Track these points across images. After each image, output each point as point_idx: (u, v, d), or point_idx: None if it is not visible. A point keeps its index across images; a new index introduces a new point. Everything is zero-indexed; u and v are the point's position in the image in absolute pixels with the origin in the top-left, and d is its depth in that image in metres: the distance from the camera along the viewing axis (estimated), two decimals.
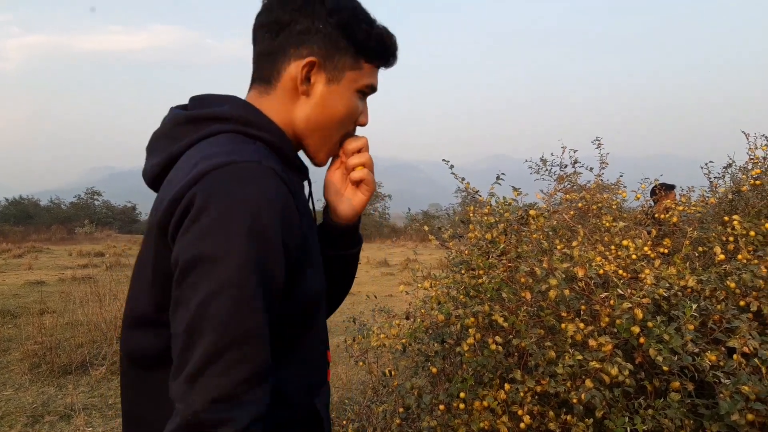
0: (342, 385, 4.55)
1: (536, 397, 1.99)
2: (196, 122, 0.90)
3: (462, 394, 1.97)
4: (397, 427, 2.48)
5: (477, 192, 2.65)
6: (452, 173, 2.67)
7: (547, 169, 3.56)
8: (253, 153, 0.82)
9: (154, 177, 0.91)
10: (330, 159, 1.04)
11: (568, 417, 1.85)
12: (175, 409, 0.72)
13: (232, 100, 0.93)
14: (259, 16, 0.95)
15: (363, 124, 1.03)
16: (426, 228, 2.69)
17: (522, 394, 1.93)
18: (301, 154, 1.00)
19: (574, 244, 2.29)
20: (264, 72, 0.94)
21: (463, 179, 2.64)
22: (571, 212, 2.87)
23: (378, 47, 0.96)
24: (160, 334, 0.81)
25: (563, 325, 2.01)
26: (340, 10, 0.91)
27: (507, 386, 1.96)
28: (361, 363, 2.86)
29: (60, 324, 6.56)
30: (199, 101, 0.94)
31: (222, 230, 0.74)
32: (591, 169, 3.39)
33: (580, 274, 1.97)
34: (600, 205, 2.76)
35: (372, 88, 1.00)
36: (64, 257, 17.89)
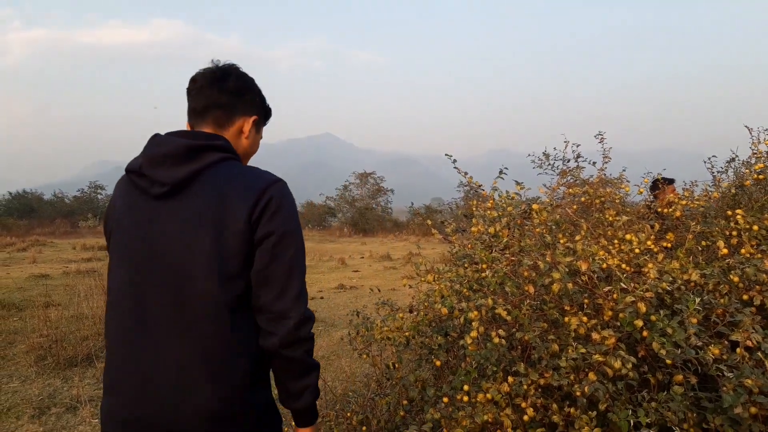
0: (346, 377, 4.57)
1: (539, 389, 2.01)
2: (208, 150, 1.34)
3: (465, 387, 1.98)
4: (400, 419, 2.49)
5: (480, 186, 2.66)
6: (455, 167, 2.67)
7: (549, 164, 3.57)
8: (270, 173, 1.40)
9: (178, 183, 1.29)
10: None
11: (572, 410, 1.86)
12: (279, 321, 1.29)
13: (219, 137, 1.40)
14: (217, 79, 1.45)
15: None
16: (429, 222, 2.70)
17: (525, 386, 1.94)
18: None
19: (578, 238, 2.30)
20: (219, 118, 1.46)
21: (465, 173, 2.65)
22: (574, 206, 2.87)
23: (269, 115, 1.63)
24: (243, 284, 1.29)
25: (566, 319, 2.02)
26: (262, 94, 1.57)
27: (510, 379, 1.97)
28: (365, 356, 2.88)
29: (65, 317, 6.59)
30: (195, 135, 1.37)
31: (293, 216, 1.35)
32: (594, 163, 3.39)
33: (584, 267, 1.98)
34: (603, 199, 2.77)
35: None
36: (68, 251, 17.96)
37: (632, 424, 1.78)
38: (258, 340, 1.32)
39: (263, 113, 1.59)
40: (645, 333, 1.86)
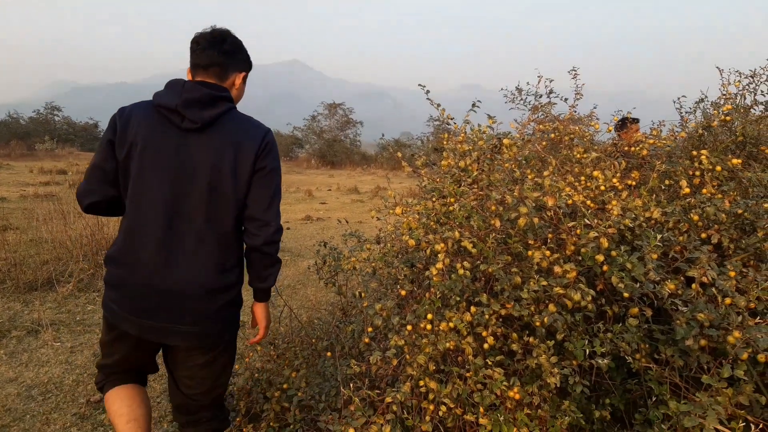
0: (311, 305, 4.64)
1: (500, 319, 2.06)
2: (222, 100, 1.86)
3: (429, 316, 2.02)
4: (365, 345, 2.55)
5: (452, 119, 2.63)
6: (428, 99, 2.63)
7: (522, 99, 3.54)
8: (262, 124, 1.97)
9: (206, 123, 1.82)
10: None
11: (531, 339, 1.92)
12: (263, 227, 1.89)
13: (226, 90, 1.91)
14: (217, 42, 1.91)
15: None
16: (399, 155, 2.68)
17: (487, 316, 1.99)
18: None
19: (545, 173, 2.31)
20: (218, 73, 1.92)
21: (438, 105, 2.61)
22: (544, 143, 2.88)
23: (251, 68, 2.06)
24: (237, 206, 1.87)
25: (530, 253, 2.06)
26: (247, 53, 2.03)
27: (473, 309, 2.02)
28: (330, 285, 2.91)
29: (24, 241, 6.46)
30: (212, 87, 1.85)
31: (279, 157, 1.95)
32: (566, 99, 3.38)
33: (550, 203, 2.00)
34: (572, 136, 2.77)
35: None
36: (25, 174, 17.42)
37: (587, 353, 1.86)
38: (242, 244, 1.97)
39: (249, 68, 2.05)
40: (605, 267, 1.91)
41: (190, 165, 1.80)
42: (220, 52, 1.90)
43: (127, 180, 1.83)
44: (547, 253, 2.02)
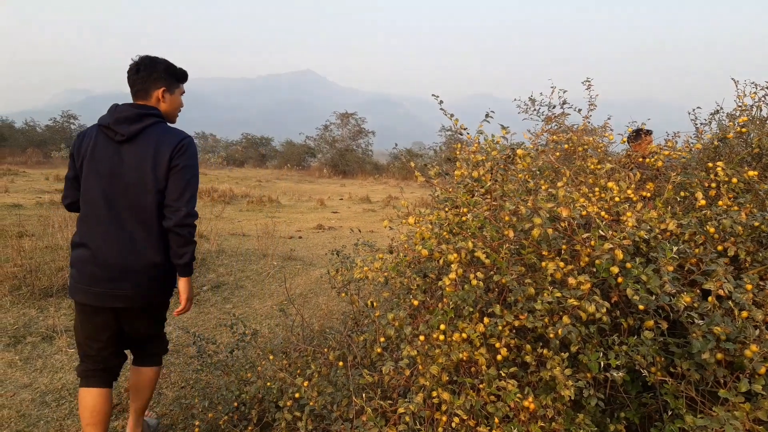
0: (323, 314, 4.63)
1: (514, 331, 2.05)
2: (148, 116, 2.40)
3: (442, 326, 2.01)
4: (377, 355, 2.55)
5: (465, 129, 2.63)
6: (441, 108, 2.63)
7: (535, 109, 3.54)
8: (183, 132, 2.48)
9: (132, 135, 2.37)
10: None
11: (545, 351, 1.91)
12: (175, 212, 2.38)
13: (153, 108, 2.45)
14: (134, 71, 2.47)
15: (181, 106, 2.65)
16: (412, 165, 2.68)
17: (500, 327, 1.98)
18: None
19: (560, 184, 2.31)
20: (143, 95, 2.48)
21: (452, 115, 2.62)
22: (557, 153, 2.87)
23: (181, 74, 2.58)
24: (159, 197, 2.37)
25: (544, 264, 2.05)
26: (167, 69, 2.50)
27: (486, 320, 2.01)
28: (342, 294, 2.91)
29: (39, 247, 6.52)
30: (139, 107, 2.41)
31: (193, 157, 2.46)
32: (579, 110, 3.37)
33: (565, 214, 1.99)
34: (586, 147, 2.76)
35: (182, 92, 2.64)
36: (41, 181, 17.64)
37: (602, 365, 1.84)
38: None
39: (171, 80, 2.54)
40: (620, 279, 1.89)
41: (119, 168, 2.36)
42: (137, 79, 2.46)
43: (80, 183, 2.44)
44: (561, 264, 2.01)
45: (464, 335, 2.01)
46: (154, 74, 2.46)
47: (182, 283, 2.57)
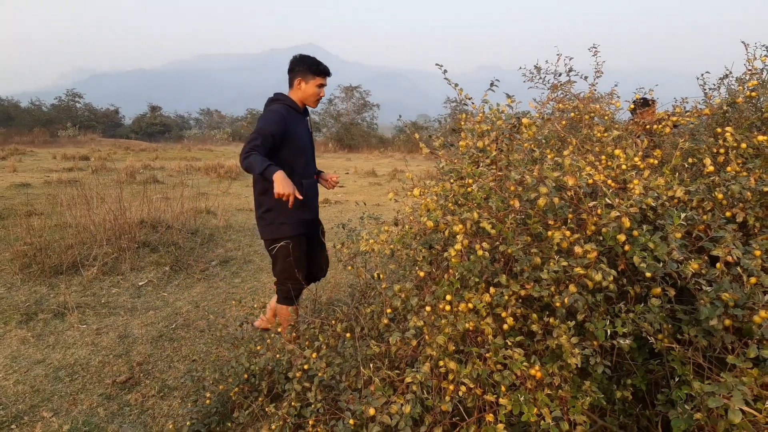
0: (330, 287, 4.66)
1: (520, 300, 2.05)
2: (271, 99, 3.43)
3: (448, 297, 2.02)
4: (384, 326, 2.56)
5: (470, 99, 2.60)
6: (446, 79, 2.60)
7: (541, 78, 3.49)
8: (279, 105, 3.32)
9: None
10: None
11: (551, 319, 1.91)
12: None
13: (279, 93, 3.42)
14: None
15: (321, 96, 3.43)
16: (417, 136, 2.66)
17: (506, 297, 1.98)
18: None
19: (566, 153, 2.28)
20: (289, 84, 3.41)
21: (456, 85, 2.58)
22: (563, 122, 2.83)
23: (317, 68, 3.33)
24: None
25: (550, 233, 2.04)
26: (299, 63, 3.33)
27: (492, 290, 2.01)
28: (349, 267, 2.91)
29: (48, 226, 6.57)
30: (279, 94, 3.42)
31: (263, 116, 3.25)
32: (585, 78, 3.32)
33: (571, 183, 1.98)
34: (592, 115, 2.73)
35: (321, 85, 3.38)
36: (48, 160, 17.68)
37: (608, 333, 1.84)
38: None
39: (304, 72, 3.31)
40: (627, 247, 1.88)
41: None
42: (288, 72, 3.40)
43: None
44: (567, 233, 2.00)
45: (470, 305, 2.01)
46: (292, 69, 3.34)
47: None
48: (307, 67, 3.28)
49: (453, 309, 2.03)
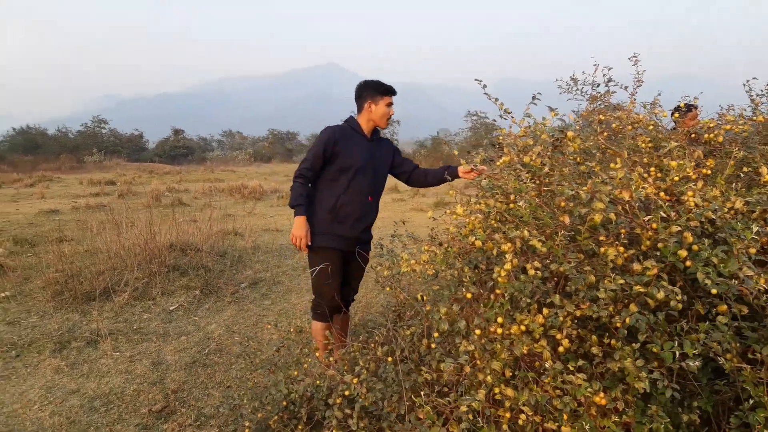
0: (362, 308, 4.58)
1: (575, 321, 1.96)
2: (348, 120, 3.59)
3: (500, 319, 1.93)
4: (425, 349, 2.47)
5: (510, 113, 2.53)
6: (485, 93, 2.53)
7: (578, 89, 3.41)
8: (336, 125, 3.48)
9: None
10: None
11: (612, 341, 1.81)
12: None
13: (349, 118, 3.56)
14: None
15: (391, 115, 3.46)
16: (456, 153, 2.59)
17: (561, 318, 1.89)
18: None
19: (616, 165, 2.19)
20: (358, 109, 3.49)
21: (496, 99, 2.52)
22: (605, 133, 2.74)
23: (384, 88, 3.42)
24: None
25: (602, 249, 1.95)
26: (365, 87, 3.45)
27: (545, 311, 1.92)
28: (387, 288, 2.84)
29: (79, 252, 6.61)
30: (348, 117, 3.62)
31: (317, 137, 3.46)
32: (626, 87, 3.23)
33: (627, 197, 1.89)
34: (637, 125, 2.63)
35: (390, 104, 3.44)
36: (75, 186, 17.97)
37: (676, 355, 1.74)
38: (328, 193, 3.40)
39: (372, 94, 3.40)
40: (689, 263, 1.78)
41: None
42: (355, 99, 3.50)
43: None
44: (621, 249, 1.91)
45: (522, 327, 1.92)
46: (359, 94, 3.46)
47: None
48: (373, 89, 3.40)
49: (505, 332, 1.94)
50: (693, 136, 2.71)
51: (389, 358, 2.51)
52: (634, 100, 3.11)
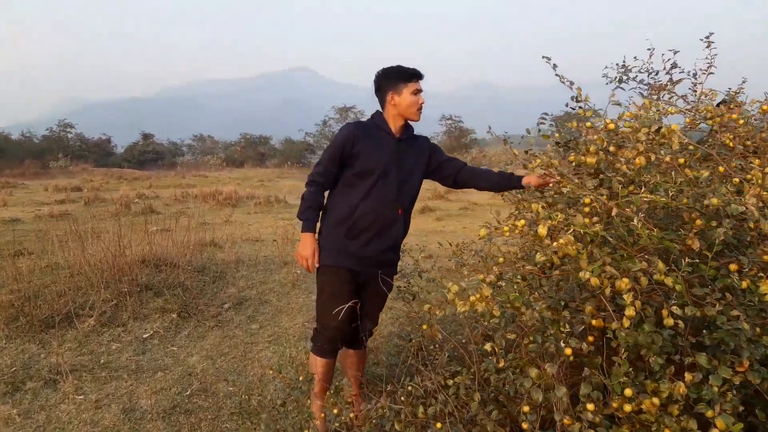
0: (373, 338, 3.97)
1: (734, 389, 1.40)
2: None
3: (628, 391, 1.36)
4: (476, 407, 1.89)
5: (590, 103, 1.97)
6: (557, 74, 1.97)
7: (633, 78, 2.87)
8: (356, 122, 2.84)
9: None
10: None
11: None
12: None
13: (375, 113, 2.89)
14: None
15: (421, 104, 2.75)
16: (515, 152, 2.02)
17: (715, 388, 1.33)
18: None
19: (757, 163, 1.65)
20: (379, 103, 2.85)
21: (572, 83, 1.96)
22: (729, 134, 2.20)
23: (407, 73, 2.72)
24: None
25: (744, 283, 1.41)
26: (384, 77, 2.77)
27: (688, 376, 1.36)
28: (425, 326, 2.26)
29: (39, 267, 5.86)
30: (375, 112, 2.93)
31: (334, 136, 2.84)
32: (695, 74, 2.71)
33: None
34: (745, 120, 2.10)
35: (418, 90, 2.72)
36: (40, 192, 17.01)
37: None
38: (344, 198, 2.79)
39: (394, 83, 2.72)
40: None
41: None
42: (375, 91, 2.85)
43: None
44: None
45: (656, 400, 1.36)
46: (378, 85, 2.79)
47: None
48: (395, 77, 2.71)
49: (634, 407, 1.37)
50: None
51: (438, 424, 1.91)
52: (708, 91, 2.58)
